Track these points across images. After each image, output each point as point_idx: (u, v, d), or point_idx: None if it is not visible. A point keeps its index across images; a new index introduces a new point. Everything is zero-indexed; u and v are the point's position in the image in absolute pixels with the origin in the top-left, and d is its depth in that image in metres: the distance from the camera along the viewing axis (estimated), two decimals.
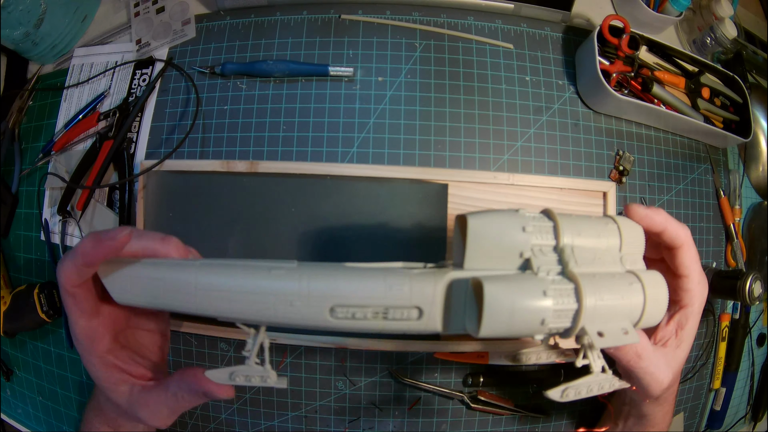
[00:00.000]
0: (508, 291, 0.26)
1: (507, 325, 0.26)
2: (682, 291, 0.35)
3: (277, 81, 0.53)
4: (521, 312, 0.26)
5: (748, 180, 0.65)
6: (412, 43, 0.55)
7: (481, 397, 0.51)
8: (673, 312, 0.35)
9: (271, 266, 0.28)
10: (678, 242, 0.33)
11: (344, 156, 0.52)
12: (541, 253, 0.28)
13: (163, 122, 0.54)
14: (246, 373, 0.29)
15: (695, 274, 0.34)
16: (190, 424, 0.53)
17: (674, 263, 0.34)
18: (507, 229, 0.28)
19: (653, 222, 0.32)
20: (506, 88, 0.54)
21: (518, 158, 0.53)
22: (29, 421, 0.58)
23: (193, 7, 0.57)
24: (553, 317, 0.27)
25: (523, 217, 0.29)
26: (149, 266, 0.29)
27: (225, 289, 0.27)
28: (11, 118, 0.58)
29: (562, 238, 0.29)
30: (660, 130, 0.58)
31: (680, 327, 0.35)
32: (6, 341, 0.58)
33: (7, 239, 0.58)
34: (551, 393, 0.29)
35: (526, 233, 0.28)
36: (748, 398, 0.64)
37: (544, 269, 0.28)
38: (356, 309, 0.27)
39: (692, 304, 0.35)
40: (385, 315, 0.27)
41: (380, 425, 0.51)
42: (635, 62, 0.55)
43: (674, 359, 0.35)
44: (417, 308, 0.27)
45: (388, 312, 0.27)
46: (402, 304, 0.27)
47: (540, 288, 0.26)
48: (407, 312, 0.27)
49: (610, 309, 0.28)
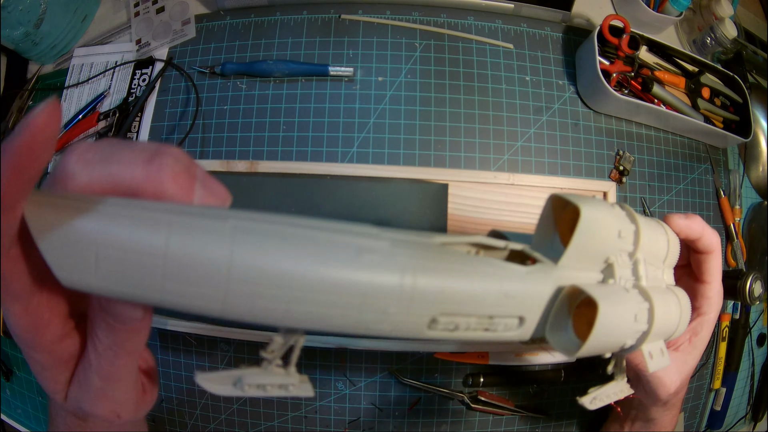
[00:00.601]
0: (614, 312, 0.23)
1: (598, 347, 0.23)
2: (702, 298, 0.35)
3: (277, 81, 0.53)
4: (619, 333, 0.24)
5: (748, 180, 0.65)
6: (412, 43, 0.55)
7: (481, 398, 0.51)
8: (691, 318, 0.34)
9: (358, 245, 0.17)
10: (711, 248, 0.33)
11: (344, 156, 0.52)
12: (622, 261, 0.26)
13: (163, 122, 0.54)
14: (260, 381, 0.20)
15: (717, 283, 0.34)
16: (190, 425, 0.53)
17: (701, 269, 0.34)
18: (611, 230, 0.25)
19: (692, 231, 0.32)
20: (506, 88, 0.54)
21: (518, 158, 0.53)
22: (29, 421, 0.58)
23: (193, 7, 0.57)
24: (632, 339, 0.24)
25: (620, 218, 0.25)
26: (126, 219, 0.15)
27: (280, 282, 0.16)
28: (11, 118, 0.58)
29: (639, 248, 0.26)
30: (660, 130, 0.58)
31: (695, 334, 0.35)
32: (6, 341, 0.57)
33: None
34: (584, 400, 0.27)
35: (621, 239, 0.25)
36: (749, 398, 0.64)
37: (623, 280, 0.25)
38: (463, 319, 0.20)
39: (709, 312, 0.35)
40: (488, 327, 0.21)
41: (380, 425, 0.51)
42: (635, 62, 0.55)
43: (684, 364, 0.35)
44: (520, 317, 0.22)
45: (493, 322, 0.21)
46: (510, 312, 0.21)
47: (633, 311, 0.24)
48: (510, 321, 0.21)
49: (659, 330, 0.26)
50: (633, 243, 0.26)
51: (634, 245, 0.26)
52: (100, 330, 0.18)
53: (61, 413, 0.27)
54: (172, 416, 0.53)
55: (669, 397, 0.35)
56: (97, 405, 0.20)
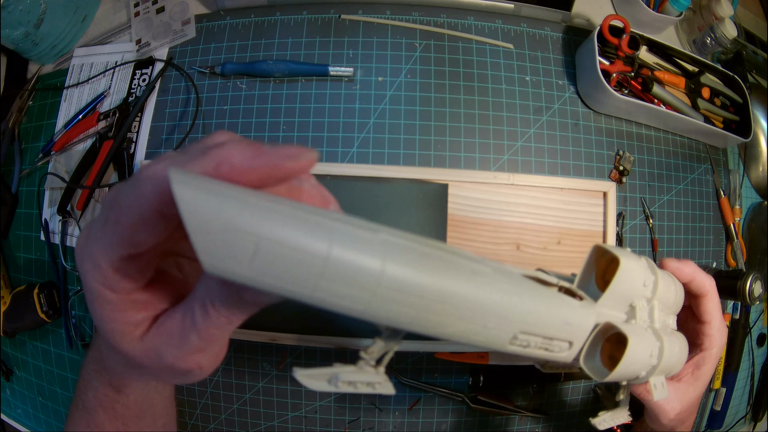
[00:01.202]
0: (639, 347, 0.28)
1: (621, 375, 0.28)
2: (703, 335, 0.38)
3: (277, 81, 0.53)
4: (637, 365, 0.29)
5: (748, 180, 0.65)
6: (412, 43, 0.55)
7: (481, 397, 0.51)
8: (694, 354, 0.38)
9: (472, 268, 0.20)
10: (704, 291, 0.37)
11: (344, 156, 0.52)
12: (641, 305, 0.31)
13: (163, 122, 0.54)
14: (353, 379, 0.21)
15: (716, 321, 0.37)
16: (190, 424, 0.53)
17: (699, 310, 0.37)
18: (639, 280, 0.30)
19: (683, 273, 0.36)
20: (506, 88, 0.54)
21: (518, 158, 0.53)
22: (29, 421, 0.58)
23: (193, 7, 0.57)
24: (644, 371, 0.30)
25: (645, 269, 0.31)
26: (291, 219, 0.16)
27: (417, 292, 0.18)
28: (11, 118, 0.58)
29: (656, 296, 0.31)
30: (660, 130, 0.58)
31: (697, 367, 0.37)
32: (6, 341, 0.58)
33: (7, 239, 0.58)
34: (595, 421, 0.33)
35: (644, 287, 0.30)
36: (748, 398, 0.64)
37: (642, 321, 0.30)
38: (533, 338, 0.24)
39: (711, 347, 0.37)
40: (547, 348, 0.25)
41: (380, 425, 0.51)
42: (635, 62, 0.54)
43: (686, 394, 0.37)
44: (570, 342, 0.26)
45: (552, 344, 0.25)
46: (565, 337, 0.25)
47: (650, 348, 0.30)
48: (563, 345, 0.26)
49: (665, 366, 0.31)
50: (652, 291, 0.31)
51: (653, 293, 0.31)
52: (222, 304, 0.19)
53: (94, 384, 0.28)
54: None
55: (670, 422, 0.38)
56: (186, 359, 0.21)
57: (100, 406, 0.29)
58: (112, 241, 0.18)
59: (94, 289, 0.19)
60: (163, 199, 0.17)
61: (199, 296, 0.20)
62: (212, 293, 0.19)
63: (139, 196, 0.17)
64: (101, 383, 0.28)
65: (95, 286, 0.19)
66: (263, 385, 0.51)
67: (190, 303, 0.20)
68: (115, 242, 0.18)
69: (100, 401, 0.29)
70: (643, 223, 0.55)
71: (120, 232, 0.18)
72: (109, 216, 0.18)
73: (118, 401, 0.28)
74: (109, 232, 0.18)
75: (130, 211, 0.17)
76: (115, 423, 0.30)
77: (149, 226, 0.18)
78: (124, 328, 0.20)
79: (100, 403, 0.29)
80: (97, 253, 0.19)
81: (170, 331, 0.20)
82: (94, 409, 0.29)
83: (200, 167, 0.17)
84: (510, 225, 0.51)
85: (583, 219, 0.52)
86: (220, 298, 0.19)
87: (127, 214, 0.18)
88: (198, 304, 0.20)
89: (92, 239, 0.19)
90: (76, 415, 0.31)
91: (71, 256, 0.54)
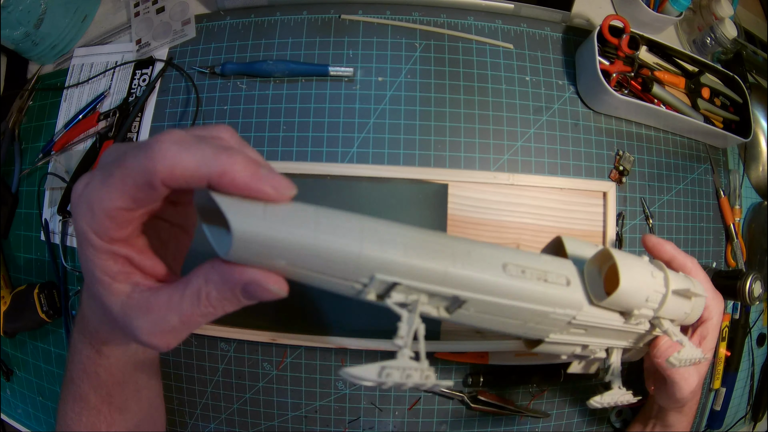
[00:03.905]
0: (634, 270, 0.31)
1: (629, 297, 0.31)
2: None
3: (277, 81, 0.53)
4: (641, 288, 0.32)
5: (748, 180, 0.65)
6: (412, 43, 0.55)
7: (481, 397, 0.51)
8: (696, 326, 0.40)
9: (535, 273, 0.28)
10: (686, 269, 0.39)
11: (344, 156, 0.52)
12: None
13: (163, 122, 0.54)
14: (401, 366, 0.23)
15: (709, 292, 0.39)
16: (190, 424, 0.53)
17: None
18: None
19: (663, 250, 0.40)
20: (506, 88, 0.54)
21: (518, 158, 0.53)
22: (29, 421, 0.58)
23: (193, 7, 0.57)
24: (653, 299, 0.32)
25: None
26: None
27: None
28: (11, 118, 0.58)
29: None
30: (660, 130, 0.58)
31: (702, 338, 0.40)
32: (6, 341, 0.58)
33: (7, 239, 0.58)
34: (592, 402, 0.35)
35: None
36: (748, 398, 0.64)
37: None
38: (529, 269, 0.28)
39: (711, 317, 0.40)
40: (545, 278, 0.29)
41: (380, 425, 0.51)
42: (635, 62, 0.55)
43: (699, 366, 0.40)
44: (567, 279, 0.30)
45: (548, 276, 0.29)
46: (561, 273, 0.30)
47: (649, 269, 0.33)
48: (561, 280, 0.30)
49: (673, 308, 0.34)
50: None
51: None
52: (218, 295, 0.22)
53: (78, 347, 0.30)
54: (173, 416, 0.53)
55: (689, 395, 0.40)
56: (159, 337, 0.23)
57: (84, 372, 0.30)
58: (113, 194, 0.21)
59: (83, 231, 0.22)
60: (173, 177, 0.20)
61: (194, 284, 0.22)
62: (211, 284, 0.22)
63: (150, 166, 0.20)
64: (84, 345, 0.29)
65: (84, 229, 0.22)
66: (263, 385, 0.51)
67: (180, 288, 0.22)
68: (115, 196, 0.21)
69: (84, 366, 0.30)
70: (642, 223, 0.55)
71: (122, 189, 0.20)
72: (113, 171, 0.21)
73: (100, 364, 0.29)
74: (112, 185, 0.20)
75: (138, 175, 0.20)
76: (99, 392, 0.31)
77: (151, 191, 0.20)
78: (102, 277, 0.23)
79: (84, 369, 0.30)
80: (95, 199, 0.21)
81: (152, 304, 0.23)
82: (79, 378, 0.30)
83: (209, 169, 0.20)
84: (510, 225, 0.51)
85: (583, 219, 0.52)
86: (218, 289, 0.22)
87: (134, 177, 0.20)
88: (191, 291, 0.22)
89: (92, 187, 0.21)
90: (64, 391, 0.32)
91: (71, 256, 0.54)
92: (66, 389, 0.32)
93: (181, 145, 0.20)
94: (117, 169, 0.21)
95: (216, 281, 0.22)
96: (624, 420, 0.54)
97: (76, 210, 0.22)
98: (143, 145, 0.20)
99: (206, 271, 0.22)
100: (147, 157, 0.20)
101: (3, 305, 0.52)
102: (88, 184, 0.21)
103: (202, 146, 0.20)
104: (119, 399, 0.31)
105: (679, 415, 0.45)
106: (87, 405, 0.31)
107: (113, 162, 0.21)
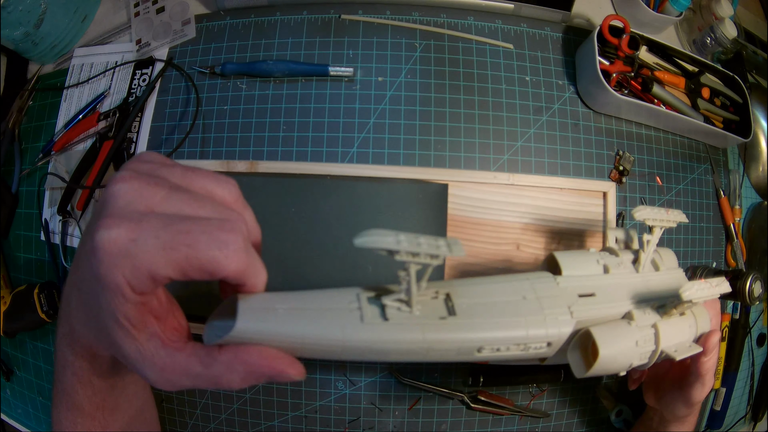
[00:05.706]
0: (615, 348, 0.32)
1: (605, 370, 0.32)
2: None
3: (277, 81, 0.53)
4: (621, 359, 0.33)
5: (748, 180, 0.65)
6: (412, 43, 0.55)
7: (481, 397, 0.51)
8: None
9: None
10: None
11: (344, 156, 0.52)
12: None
13: (163, 122, 0.54)
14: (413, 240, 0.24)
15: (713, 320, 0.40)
16: (190, 424, 0.53)
17: None
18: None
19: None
20: (506, 88, 0.54)
21: (518, 158, 0.53)
22: (29, 421, 0.58)
23: (193, 7, 0.57)
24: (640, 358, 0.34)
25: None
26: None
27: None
28: (11, 118, 0.58)
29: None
30: (660, 130, 0.58)
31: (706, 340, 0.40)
32: (6, 341, 0.58)
33: (7, 239, 0.58)
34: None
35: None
36: (748, 398, 0.64)
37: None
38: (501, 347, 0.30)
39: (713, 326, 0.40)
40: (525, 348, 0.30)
41: (380, 425, 0.51)
42: (635, 62, 0.54)
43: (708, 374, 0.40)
44: (548, 343, 0.31)
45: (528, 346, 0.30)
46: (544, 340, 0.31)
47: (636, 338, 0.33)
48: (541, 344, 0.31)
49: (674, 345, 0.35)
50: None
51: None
52: (240, 382, 0.25)
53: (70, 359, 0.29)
54: (173, 416, 0.53)
55: (701, 400, 0.40)
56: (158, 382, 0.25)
57: (79, 382, 0.29)
58: (170, 267, 0.21)
59: (118, 285, 0.21)
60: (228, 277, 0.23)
61: (215, 369, 0.24)
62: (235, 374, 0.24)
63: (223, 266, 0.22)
64: (76, 356, 0.29)
65: (120, 283, 0.21)
66: (263, 385, 0.51)
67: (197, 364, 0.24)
68: (172, 269, 0.21)
69: (78, 377, 0.29)
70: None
71: (183, 268, 0.21)
72: (179, 247, 0.21)
73: (94, 372, 0.29)
74: (174, 261, 0.21)
75: (207, 266, 0.22)
76: (93, 401, 0.30)
77: (206, 277, 0.22)
78: (124, 322, 0.23)
79: (78, 380, 0.29)
80: (145, 262, 0.21)
81: (167, 363, 0.24)
82: (73, 389, 0.30)
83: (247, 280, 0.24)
84: (510, 225, 0.51)
85: (583, 219, 0.52)
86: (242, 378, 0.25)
87: (202, 265, 0.21)
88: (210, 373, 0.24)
89: (144, 249, 0.21)
90: (57, 399, 0.31)
91: (71, 256, 0.54)
92: (58, 398, 0.31)
93: (247, 255, 0.23)
94: (186, 248, 0.21)
95: (240, 371, 0.24)
96: (624, 420, 0.54)
97: (114, 262, 0.21)
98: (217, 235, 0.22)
99: (229, 360, 0.24)
100: (224, 257, 0.22)
101: (3, 305, 0.52)
102: (135, 242, 0.21)
103: (254, 260, 0.24)
104: (111, 400, 0.31)
105: (682, 426, 0.45)
106: (82, 413, 0.31)
107: (183, 241, 0.21)
